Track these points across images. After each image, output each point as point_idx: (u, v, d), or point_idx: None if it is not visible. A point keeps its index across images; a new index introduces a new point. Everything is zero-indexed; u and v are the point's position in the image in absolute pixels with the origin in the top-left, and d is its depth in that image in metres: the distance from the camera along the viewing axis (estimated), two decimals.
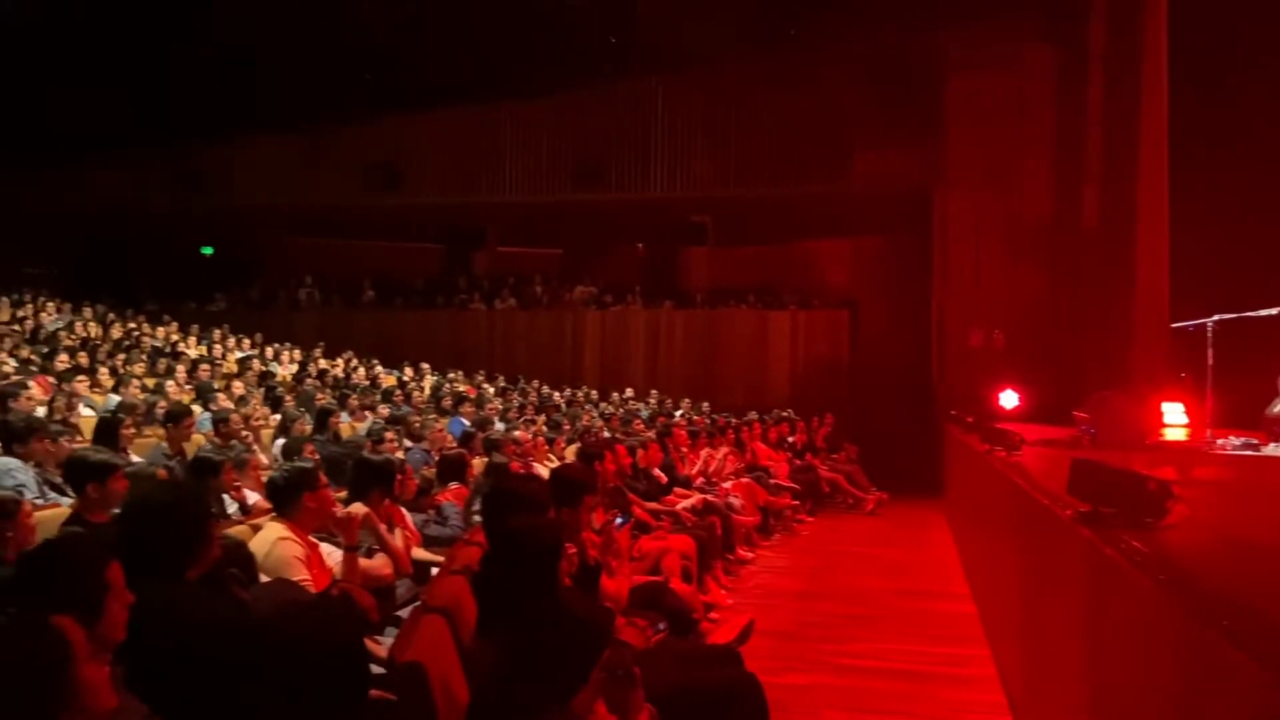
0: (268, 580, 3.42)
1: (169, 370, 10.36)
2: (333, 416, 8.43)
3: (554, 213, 17.60)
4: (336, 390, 11.42)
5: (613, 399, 14.70)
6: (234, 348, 14.22)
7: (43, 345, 10.95)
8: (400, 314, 17.86)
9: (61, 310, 14.44)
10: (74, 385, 7.95)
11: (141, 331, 13.98)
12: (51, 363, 9.25)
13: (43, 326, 12.79)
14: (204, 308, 17.49)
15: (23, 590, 2.29)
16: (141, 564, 2.61)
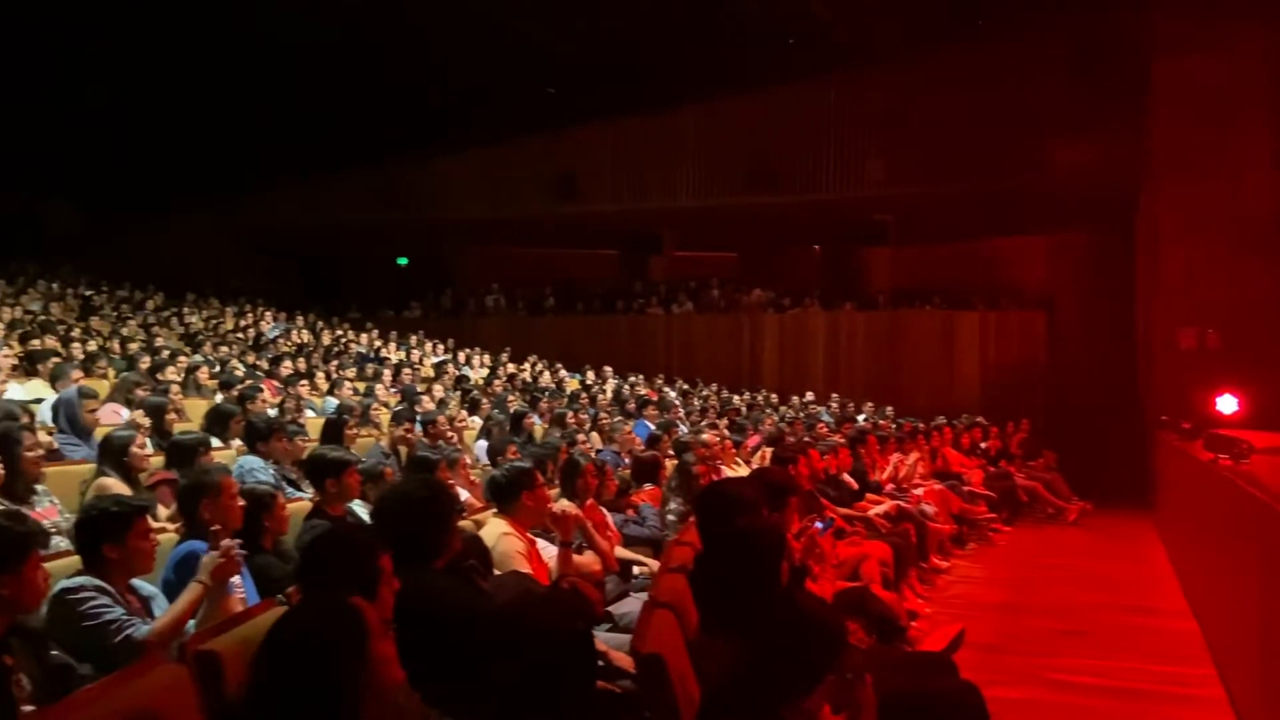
0: (502, 573, 3.59)
1: (376, 375, 11.02)
2: (526, 418, 8.76)
3: (729, 216, 17.63)
4: (525, 393, 11.85)
5: (792, 402, 14.57)
6: (429, 353, 14.98)
7: (265, 352, 11.88)
8: (580, 319, 18.33)
9: (278, 319, 15.62)
10: (298, 389, 8.59)
11: (348, 338, 14.94)
12: (276, 368, 10.02)
13: (263, 334, 13.87)
14: (400, 315, 18.54)
15: (310, 574, 2.51)
16: (397, 553, 2.81)
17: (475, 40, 14.00)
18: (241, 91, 15.39)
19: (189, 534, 3.63)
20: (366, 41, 13.84)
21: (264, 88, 15.23)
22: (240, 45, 13.88)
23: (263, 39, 13.57)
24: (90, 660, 2.77)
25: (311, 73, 14.63)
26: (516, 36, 14.15)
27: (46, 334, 9.82)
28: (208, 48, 14.01)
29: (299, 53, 13.97)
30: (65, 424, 5.61)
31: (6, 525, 2.57)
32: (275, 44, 13.75)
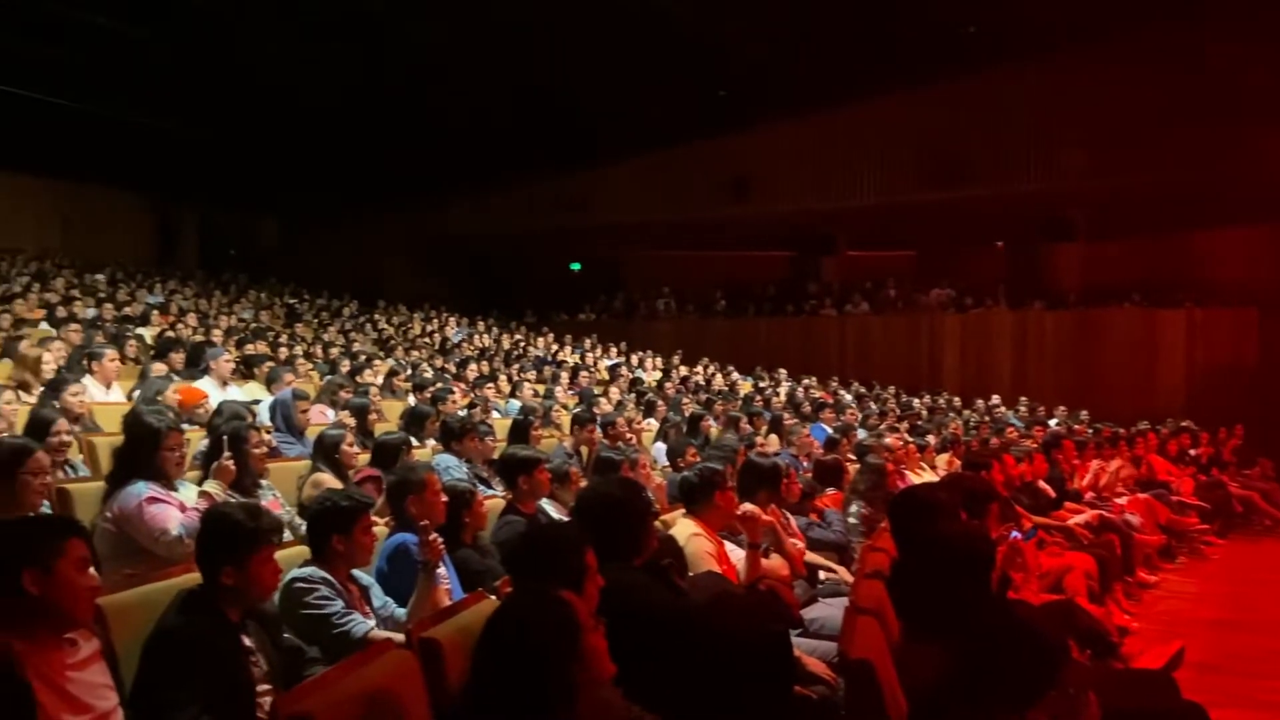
0: (698, 573, 3.60)
1: (554, 377, 11.31)
2: (703, 421, 8.76)
3: (906, 213, 17.11)
4: (698, 395, 11.88)
5: (977, 406, 13.98)
6: (602, 356, 15.26)
7: (451, 356, 12.42)
8: (751, 322, 18.23)
9: (460, 324, 16.31)
10: (484, 391, 8.92)
11: (525, 341, 15.43)
12: (463, 371, 10.45)
13: (448, 339, 14.51)
14: (573, 319, 18.99)
15: (520, 569, 2.59)
16: (597, 552, 2.85)
17: (646, 43, 14.14)
18: (422, 108, 16.15)
19: (398, 528, 3.82)
20: (537, 50, 14.23)
21: (442, 102, 15.92)
22: (417, 63, 14.55)
23: (436, 53, 14.18)
24: (317, 644, 2.95)
25: (485, 85, 15.18)
26: (688, 38, 14.19)
27: (258, 340, 10.60)
28: (389, 69, 14.77)
29: (473, 66, 14.51)
30: (281, 423, 6.02)
31: (240, 520, 2.74)
32: (449, 58, 14.34)
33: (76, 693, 2.22)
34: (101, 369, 6.81)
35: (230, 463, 4.11)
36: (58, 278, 13.76)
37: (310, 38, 13.81)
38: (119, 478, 3.85)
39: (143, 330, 10.21)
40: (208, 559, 2.70)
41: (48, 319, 10.15)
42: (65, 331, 8.79)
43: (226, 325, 11.72)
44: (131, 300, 12.80)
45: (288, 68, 14.75)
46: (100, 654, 2.36)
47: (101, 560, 3.39)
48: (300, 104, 16.11)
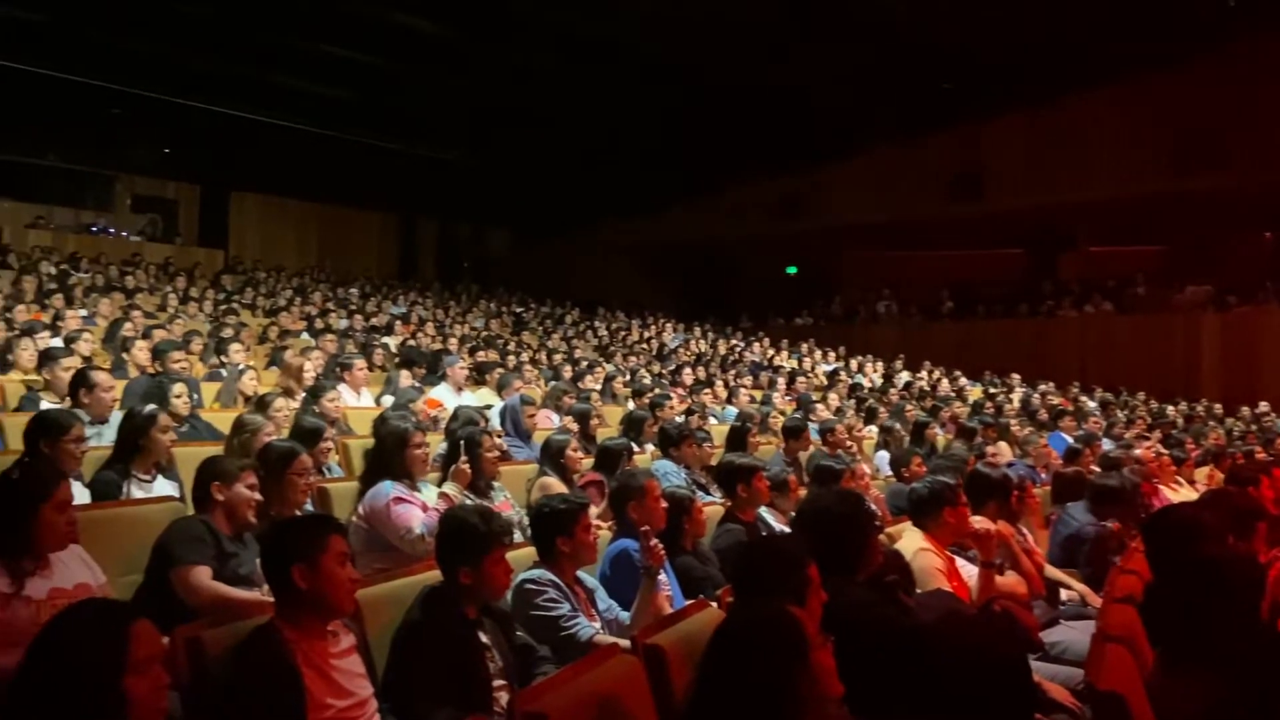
0: (927, 590, 3.45)
1: (771, 383, 11.22)
2: (928, 429, 8.41)
3: (1154, 204, 15.72)
4: (922, 401, 11.44)
5: (1241, 414, 12.64)
6: (820, 361, 15.00)
7: (668, 361, 12.60)
8: (980, 324, 17.36)
9: (677, 330, 16.53)
10: (701, 396, 8.98)
11: (741, 347, 15.41)
12: (680, 377, 10.58)
13: (665, 344, 14.73)
14: (790, 323, 18.78)
15: (744, 579, 2.58)
16: (819, 565, 2.78)
17: (865, 39, 13.78)
18: (634, 115, 16.50)
19: (620, 533, 3.90)
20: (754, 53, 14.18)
21: (654, 108, 16.19)
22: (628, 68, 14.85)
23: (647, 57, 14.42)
24: (547, 644, 3.05)
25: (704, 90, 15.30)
26: (907, 35, 13.71)
27: (489, 348, 11.18)
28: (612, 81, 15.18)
29: (691, 72, 14.67)
30: (511, 428, 6.31)
31: (474, 523, 2.89)
32: (669, 66, 14.55)
33: (339, 679, 2.41)
34: (352, 376, 7.39)
35: (467, 466, 4.34)
36: (315, 292, 15.13)
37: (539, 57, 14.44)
38: (370, 478, 4.16)
39: (388, 339, 11.00)
40: (446, 558, 2.88)
41: (308, 330, 11.17)
42: (322, 341, 9.63)
43: (460, 333, 12.45)
44: (378, 311, 13.85)
45: (520, 88, 15.49)
46: (356, 646, 2.55)
47: (354, 555, 3.67)
48: (531, 120, 16.88)
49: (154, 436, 4.14)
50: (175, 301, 11.92)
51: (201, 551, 3.10)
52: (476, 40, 13.85)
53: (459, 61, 14.46)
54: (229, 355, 7.65)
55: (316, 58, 14.34)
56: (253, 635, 2.35)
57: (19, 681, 1.82)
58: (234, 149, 18.04)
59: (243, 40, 13.72)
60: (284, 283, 16.05)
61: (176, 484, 4.15)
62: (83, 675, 1.74)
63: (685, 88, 15.09)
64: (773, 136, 16.33)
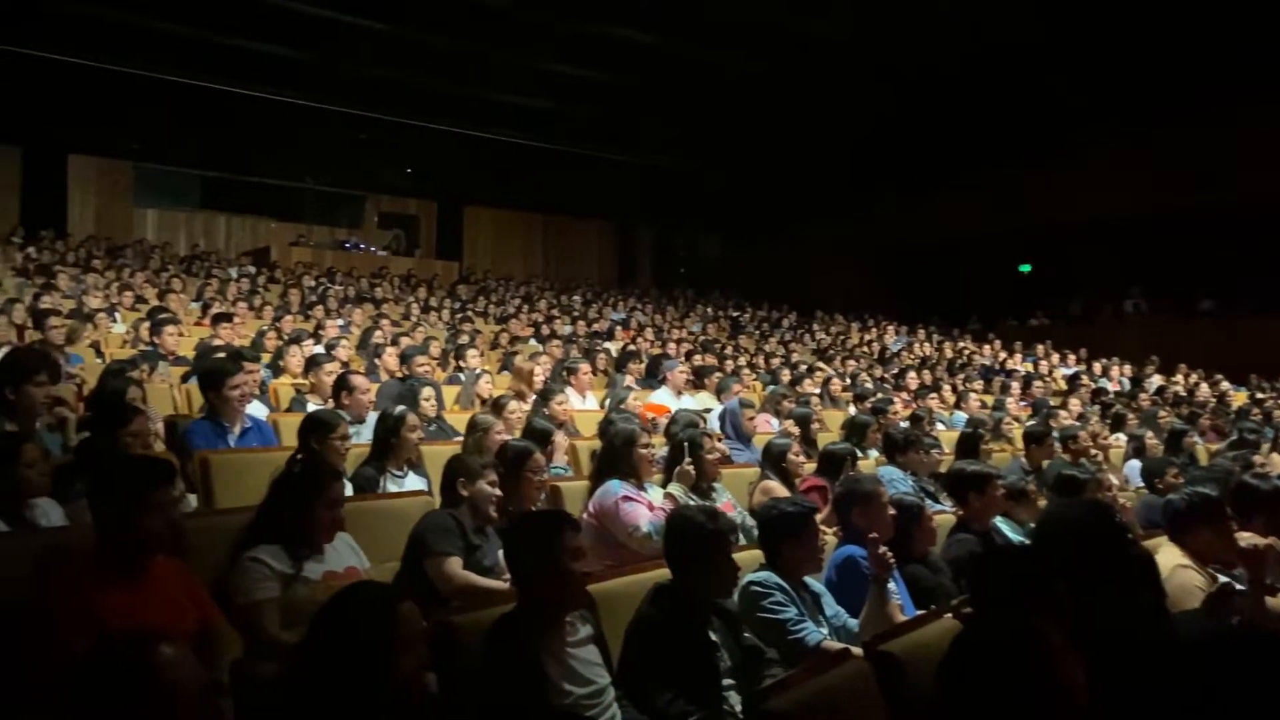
0: (1186, 609, 3.18)
1: (1003, 387, 10.67)
2: (1186, 437, 7.72)
3: None
4: (1179, 408, 10.52)
5: None
6: (1057, 364, 14.11)
7: (890, 365, 12.24)
8: (1245, 322, 15.71)
9: (899, 332, 16.03)
10: (927, 401, 8.67)
11: (970, 349, 14.75)
12: (903, 381, 10.25)
13: (887, 347, 14.33)
14: (1024, 324, 17.76)
15: (984, 590, 2.47)
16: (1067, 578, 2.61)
17: (1101, 25, 12.86)
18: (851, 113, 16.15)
19: (846, 539, 3.83)
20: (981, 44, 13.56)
21: (872, 105, 15.79)
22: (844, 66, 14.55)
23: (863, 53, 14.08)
24: (774, 647, 3.05)
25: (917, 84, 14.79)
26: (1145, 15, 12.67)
27: (706, 352, 11.28)
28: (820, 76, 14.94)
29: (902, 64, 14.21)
30: (730, 431, 6.35)
31: (700, 522, 2.97)
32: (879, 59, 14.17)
33: (578, 668, 2.52)
34: (578, 380, 7.68)
35: (690, 467, 4.41)
36: (541, 299, 15.82)
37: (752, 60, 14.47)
38: (599, 477, 4.31)
39: (609, 344, 11.34)
40: (674, 556, 2.95)
41: (535, 335, 11.70)
42: (549, 347, 10.07)
43: (678, 338, 12.64)
44: (599, 317, 14.31)
45: (733, 93, 15.59)
46: (593, 637, 2.65)
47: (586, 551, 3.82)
48: (744, 124, 16.95)
49: (404, 436, 4.48)
50: (417, 310, 12.82)
51: (452, 543, 3.33)
52: (689, 47, 14.05)
53: (673, 70, 14.73)
54: (466, 360, 8.15)
55: (540, 76, 15.04)
56: (497, 624, 2.49)
57: (303, 653, 2.02)
58: (467, 166, 19.23)
59: (474, 64, 14.59)
60: (513, 291, 16.90)
61: (425, 479, 4.46)
62: (357, 649, 1.91)
63: (903, 82, 14.65)
64: (1000, 129, 15.53)
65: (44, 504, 3.19)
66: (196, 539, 3.00)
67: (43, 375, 3.77)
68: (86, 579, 2.38)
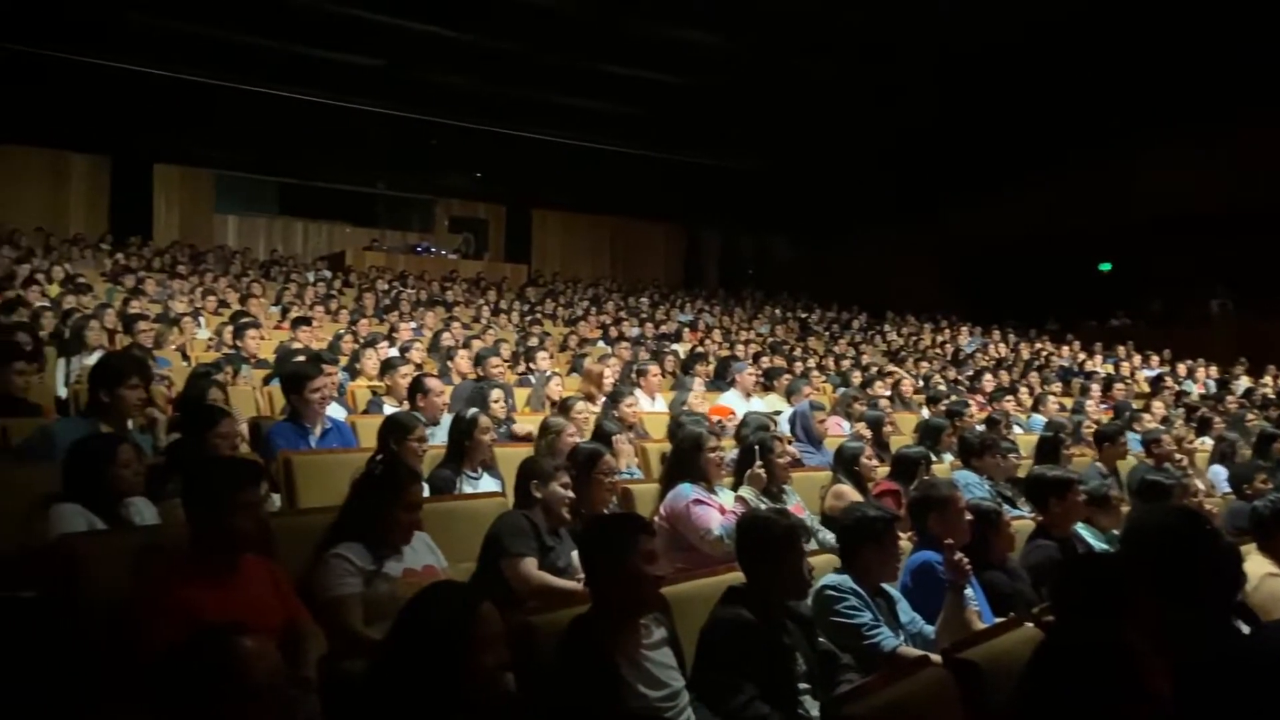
0: (1274, 619, 3.08)
1: (1084, 390, 10.41)
2: (1276, 442, 7.43)
3: None
4: (1266, 410, 10.14)
5: None
6: (1139, 365, 13.70)
7: (964, 367, 12.02)
8: None
9: (973, 333, 15.72)
10: (1002, 404, 8.49)
11: (1047, 351, 14.41)
12: (978, 383, 10.06)
13: (960, 349, 14.07)
14: (1104, 325, 17.27)
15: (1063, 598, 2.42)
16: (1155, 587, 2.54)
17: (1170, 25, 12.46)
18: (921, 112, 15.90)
19: (921, 544, 3.78)
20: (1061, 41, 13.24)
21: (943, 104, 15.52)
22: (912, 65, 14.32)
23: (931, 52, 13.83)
24: (849, 652, 3.02)
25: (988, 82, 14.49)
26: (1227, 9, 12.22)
27: (775, 354, 11.21)
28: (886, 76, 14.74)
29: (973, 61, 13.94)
30: (801, 433, 6.31)
31: (772, 524, 2.98)
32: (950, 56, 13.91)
33: (653, 670, 2.54)
34: (647, 382, 7.71)
35: (761, 470, 4.40)
36: (609, 301, 15.89)
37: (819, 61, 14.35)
38: (669, 480, 4.32)
39: (677, 346, 11.35)
40: (746, 559, 2.96)
41: (603, 337, 11.76)
42: (617, 349, 10.11)
43: (746, 339, 12.58)
44: (666, 319, 14.32)
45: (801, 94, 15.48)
46: (667, 640, 2.66)
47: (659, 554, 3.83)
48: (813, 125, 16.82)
49: (477, 438, 4.54)
50: (487, 313, 12.99)
51: (527, 544, 3.38)
52: (758, 49, 14.00)
53: (740, 71, 14.68)
54: (536, 363, 8.23)
55: (608, 79, 15.12)
56: (572, 625, 2.51)
57: (385, 650, 2.07)
58: (535, 169, 19.43)
59: (542, 68, 14.74)
60: (580, 293, 17.01)
61: (499, 481, 4.52)
62: (439, 648, 1.95)
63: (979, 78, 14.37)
64: (1079, 124, 15.14)
65: (138, 503, 3.32)
66: (281, 538, 3.10)
67: (135, 378, 3.91)
68: (180, 576, 2.47)
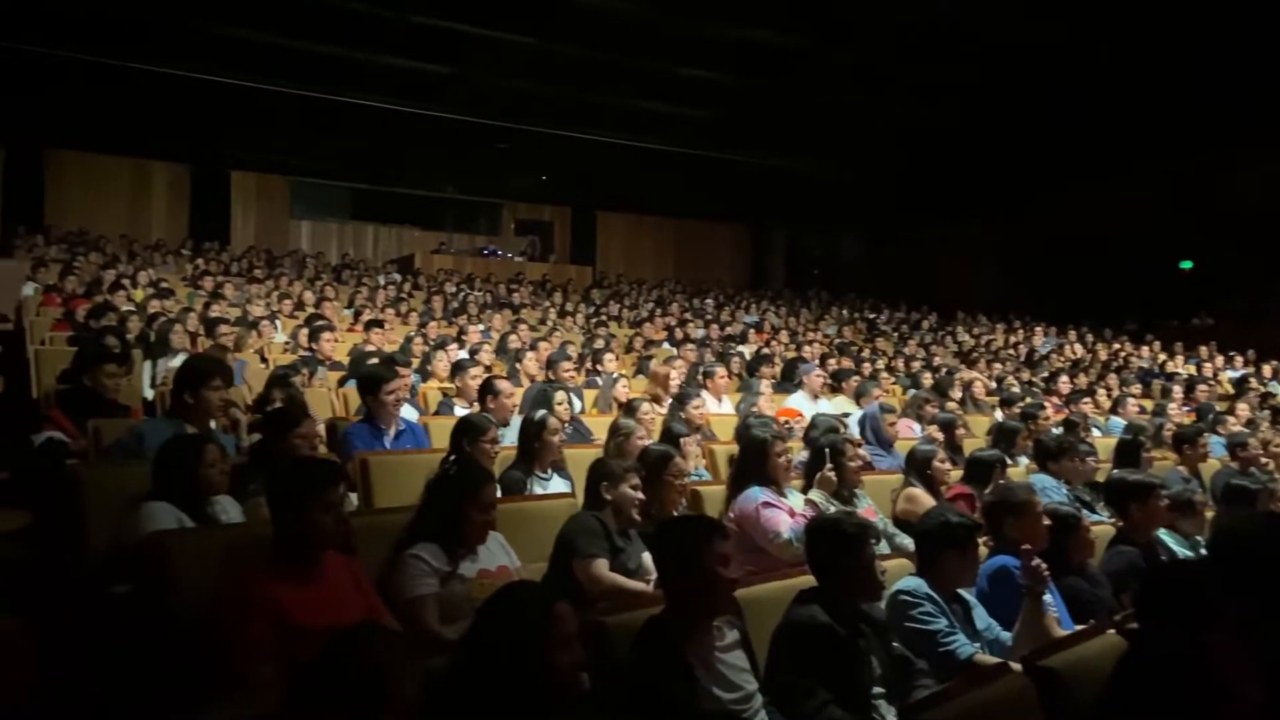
0: None
1: (1165, 392, 10.11)
2: None
3: None
4: None
5: None
6: (1223, 366, 13.25)
7: (1039, 368, 11.75)
8: None
9: (1048, 333, 15.37)
10: (1080, 407, 8.29)
11: (1126, 351, 14.03)
12: (1054, 384, 9.83)
13: (1035, 350, 13.76)
14: (1186, 324, 16.73)
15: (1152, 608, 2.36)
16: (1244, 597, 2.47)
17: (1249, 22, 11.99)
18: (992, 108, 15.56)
19: (997, 548, 3.72)
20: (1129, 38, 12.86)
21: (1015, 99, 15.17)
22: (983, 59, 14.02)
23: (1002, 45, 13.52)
24: (924, 658, 2.98)
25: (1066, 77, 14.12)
26: None
27: (842, 355, 11.09)
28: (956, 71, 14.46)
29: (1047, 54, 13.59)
30: (871, 436, 6.23)
31: (843, 528, 2.96)
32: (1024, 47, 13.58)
33: (726, 673, 2.54)
34: (714, 384, 7.69)
35: (832, 473, 4.37)
36: (673, 302, 15.89)
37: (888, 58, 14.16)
38: (738, 483, 4.31)
39: (743, 348, 11.29)
40: (818, 563, 2.94)
41: (668, 339, 11.76)
42: (683, 351, 10.10)
43: (812, 340, 12.47)
44: (732, 320, 14.27)
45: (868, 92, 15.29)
46: (739, 643, 2.66)
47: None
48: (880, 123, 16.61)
49: (545, 440, 4.58)
50: (553, 315, 13.09)
51: (599, 545, 3.41)
52: (824, 47, 13.86)
53: (808, 70, 14.55)
54: (603, 365, 8.27)
55: (672, 80, 15.11)
56: (646, 626, 2.52)
57: (465, 647, 2.10)
58: (599, 172, 19.53)
59: (608, 71, 14.79)
60: (645, 295, 17.03)
61: (569, 482, 4.55)
62: (517, 645, 1.98)
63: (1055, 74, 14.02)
64: (1158, 121, 14.68)
65: (224, 501, 3.42)
66: (358, 537, 3.17)
67: (218, 380, 4.03)
68: (266, 574, 2.54)
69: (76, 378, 5.41)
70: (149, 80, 13.98)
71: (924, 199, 19.30)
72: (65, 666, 3.39)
